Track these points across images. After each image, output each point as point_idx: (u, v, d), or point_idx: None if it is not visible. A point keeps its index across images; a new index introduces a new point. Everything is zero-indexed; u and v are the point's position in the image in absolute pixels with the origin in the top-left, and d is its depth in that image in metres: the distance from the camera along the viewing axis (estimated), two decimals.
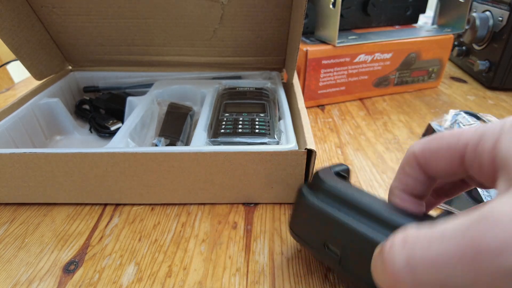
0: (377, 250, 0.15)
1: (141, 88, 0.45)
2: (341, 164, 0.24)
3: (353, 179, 0.34)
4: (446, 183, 0.21)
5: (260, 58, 0.44)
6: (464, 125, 0.32)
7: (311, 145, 0.27)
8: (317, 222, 0.21)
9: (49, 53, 0.43)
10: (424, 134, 0.38)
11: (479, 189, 0.27)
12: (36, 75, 0.41)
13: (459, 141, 0.16)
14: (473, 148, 0.15)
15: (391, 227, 0.18)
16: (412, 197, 0.19)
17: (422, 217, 0.18)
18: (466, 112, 0.34)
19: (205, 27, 0.41)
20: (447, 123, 0.34)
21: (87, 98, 0.45)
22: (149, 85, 0.43)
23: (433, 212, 0.22)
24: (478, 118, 0.33)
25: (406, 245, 0.13)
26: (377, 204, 0.19)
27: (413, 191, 0.19)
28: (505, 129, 0.14)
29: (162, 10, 0.39)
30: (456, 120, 0.34)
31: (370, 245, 0.17)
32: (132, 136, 0.33)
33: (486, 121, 0.33)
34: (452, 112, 0.35)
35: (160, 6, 0.39)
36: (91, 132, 0.41)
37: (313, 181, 0.22)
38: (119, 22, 0.40)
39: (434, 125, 0.35)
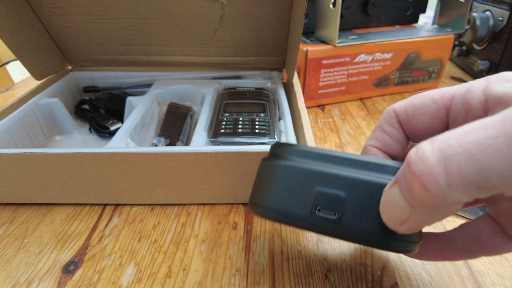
0: (388, 185, 0.15)
1: (141, 88, 0.45)
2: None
3: None
4: None
5: (260, 58, 0.44)
6: None
7: (311, 145, 0.27)
8: (303, 185, 0.18)
9: (49, 53, 0.42)
10: None
11: None
12: (36, 75, 0.41)
13: (444, 96, 0.18)
14: (461, 99, 0.17)
15: (389, 171, 0.17)
16: (388, 157, 0.20)
17: None
18: None
19: (205, 27, 0.41)
20: None
21: (87, 98, 0.45)
22: (149, 85, 0.43)
23: None
24: None
25: (435, 142, 0.12)
26: (360, 155, 0.18)
27: (389, 151, 0.20)
28: (491, 79, 0.16)
29: (162, 10, 0.39)
30: None
31: (376, 190, 0.16)
32: (132, 136, 0.33)
33: None
34: None
35: (160, 6, 0.39)
36: (91, 132, 0.41)
37: (276, 151, 0.19)
38: (119, 22, 0.40)
39: None
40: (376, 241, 0.17)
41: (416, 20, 0.55)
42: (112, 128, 0.39)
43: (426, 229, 0.26)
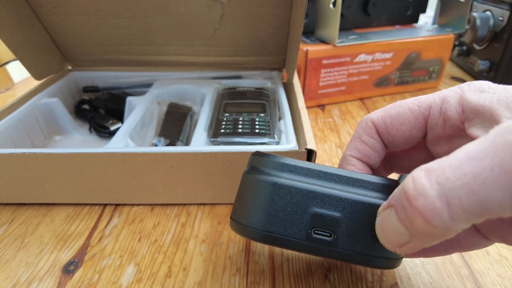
0: (382, 207, 0.16)
1: (141, 88, 0.45)
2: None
3: None
4: (393, 156, 0.23)
5: (260, 58, 0.44)
6: None
7: (311, 145, 0.27)
8: (297, 206, 0.17)
9: (48, 53, 0.42)
10: None
11: None
12: (36, 75, 0.41)
13: (421, 106, 0.18)
14: (438, 109, 0.18)
15: (378, 189, 0.17)
16: (367, 167, 0.20)
17: (393, 180, 0.18)
18: None
19: (205, 27, 0.41)
20: None
21: (87, 98, 0.45)
22: (148, 85, 0.43)
23: None
24: None
25: (432, 174, 0.12)
26: (348, 171, 0.18)
27: (368, 161, 0.20)
28: (464, 89, 0.17)
29: (161, 10, 0.39)
30: None
31: (370, 211, 0.16)
32: (132, 136, 0.33)
33: None
34: None
35: (159, 5, 0.39)
36: (90, 132, 0.41)
37: (260, 165, 0.18)
38: (118, 21, 0.40)
39: None
40: (371, 262, 0.17)
41: (416, 20, 0.55)
42: (112, 128, 0.39)
43: None
